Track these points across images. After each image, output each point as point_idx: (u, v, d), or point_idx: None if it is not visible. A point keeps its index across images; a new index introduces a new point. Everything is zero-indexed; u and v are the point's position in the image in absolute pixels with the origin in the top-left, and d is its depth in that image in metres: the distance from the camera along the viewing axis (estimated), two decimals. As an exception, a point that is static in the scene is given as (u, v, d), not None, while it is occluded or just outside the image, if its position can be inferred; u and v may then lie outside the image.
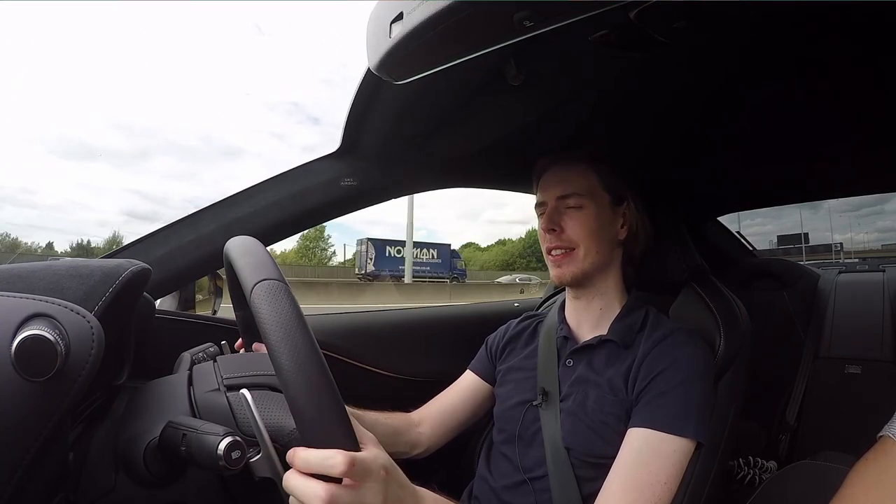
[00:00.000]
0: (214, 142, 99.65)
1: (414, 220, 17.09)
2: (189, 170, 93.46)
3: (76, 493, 0.48)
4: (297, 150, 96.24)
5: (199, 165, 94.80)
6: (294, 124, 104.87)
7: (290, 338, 0.38)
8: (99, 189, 76.47)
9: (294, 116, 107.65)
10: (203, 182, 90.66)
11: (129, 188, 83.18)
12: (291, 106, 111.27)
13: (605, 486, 0.63)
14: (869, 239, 8.13)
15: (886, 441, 0.44)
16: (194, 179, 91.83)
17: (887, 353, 1.34)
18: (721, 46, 0.64)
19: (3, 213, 64.31)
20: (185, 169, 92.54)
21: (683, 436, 0.63)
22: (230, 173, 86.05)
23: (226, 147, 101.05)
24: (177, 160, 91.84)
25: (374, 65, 0.53)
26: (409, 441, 0.81)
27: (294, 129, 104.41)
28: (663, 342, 0.71)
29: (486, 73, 0.69)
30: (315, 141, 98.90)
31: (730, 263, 1.70)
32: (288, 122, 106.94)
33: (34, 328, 0.38)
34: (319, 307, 7.90)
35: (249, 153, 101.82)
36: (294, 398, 0.37)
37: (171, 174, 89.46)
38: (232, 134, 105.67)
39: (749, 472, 1.28)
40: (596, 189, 0.78)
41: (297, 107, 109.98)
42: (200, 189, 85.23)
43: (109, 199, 78.16)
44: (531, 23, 0.42)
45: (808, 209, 8.18)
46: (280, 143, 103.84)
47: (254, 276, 0.41)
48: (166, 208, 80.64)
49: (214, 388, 0.54)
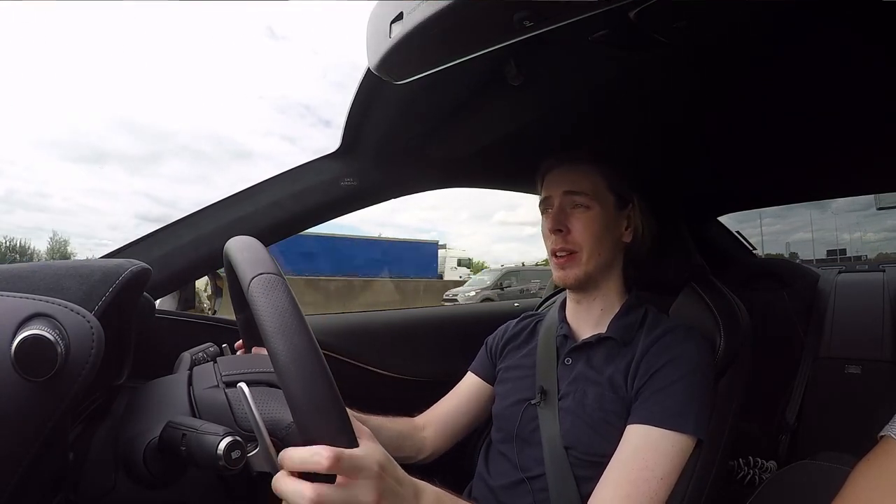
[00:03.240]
0: (226, 145, 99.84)
1: (424, 223, 15.85)
2: (200, 173, 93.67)
3: (76, 493, 0.48)
4: (309, 152, 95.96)
5: (210, 169, 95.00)
6: (306, 127, 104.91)
7: (285, 328, 0.38)
8: (111, 193, 76.65)
9: (306, 119, 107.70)
10: (215, 186, 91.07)
11: (140, 192, 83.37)
12: (303, 109, 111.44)
13: (601, 480, 0.63)
14: (877, 239, 8.11)
15: (888, 441, 0.44)
16: (205, 183, 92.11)
17: (887, 353, 1.34)
18: (721, 46, 0.64)
19: (14, 217, 64.53)
20: (196, 172, 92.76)
21: (682, 432, 0.64)
22: (242, 176, 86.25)
23: (237, 150, 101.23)
24: (188, 164, 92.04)
25: (374, 65, 0.53)
26: (415, 445, 0.81)
27: (306, 131, 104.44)
28: (663, 339, 0.71)
29: (486, 73, 0.70)
30: (326, 144, 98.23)
31: (730, 263, 1.71)
32: (300, 125, 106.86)
33: (34, 328, 0.38)
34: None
35: (260, 156, 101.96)
36: (289, 387, 0.37)
37: (182, 178, 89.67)
38: (243, 137, 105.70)
39: (749, 472, 1.28)
40: (602, 191, 0.77)
41: (308, 109, 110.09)
42: (212, 193, 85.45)
43: (122, 203, 78.42)
44: (531, 23, 0.42)
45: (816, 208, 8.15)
46: (291, 146, 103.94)
47: (251, 271, 0.41)
48: (177, 211, 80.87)
49: (213, 384, 0.54)
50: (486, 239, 63.94)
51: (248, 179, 59.48)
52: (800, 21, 0.58)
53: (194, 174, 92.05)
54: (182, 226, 0.89)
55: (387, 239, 9.63)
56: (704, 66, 0.70)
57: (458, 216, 65.00)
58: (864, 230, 6.91)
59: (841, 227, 7.49)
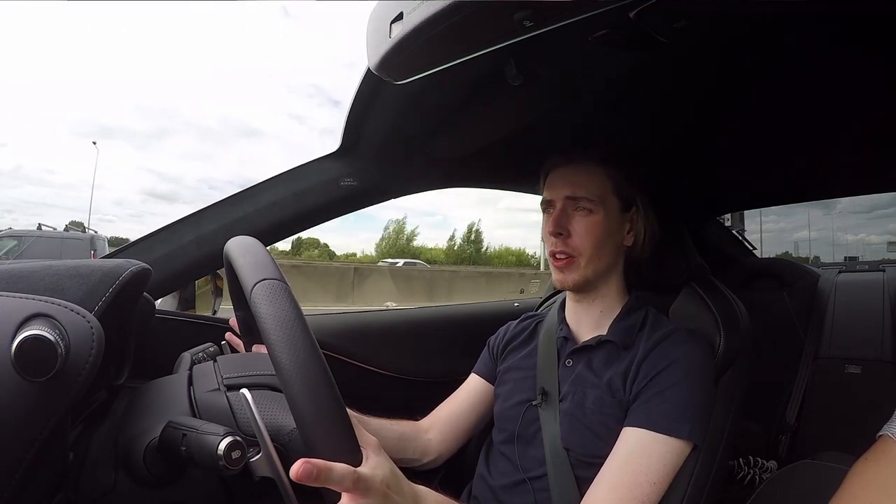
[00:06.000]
0: (232, 122, 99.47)
1: (429, 206, 16.40)
2: (207, 151, 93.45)
3: (76, 493, 0.48)
4: (317, 132, 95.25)
5: (217, 147, 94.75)
6: (315, 107, 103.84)
7: (290, 337, 0.38)
8: (116, 168, 76.69)
9: (315, 99, 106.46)
10: (219, 164, 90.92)
11: (146, 168, 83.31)
12: (312, 88, 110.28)
13: (595, 482, 0.63)
14: (880, 241, 8.14)
15: (886, 440, 0.44)
16: (210, 161, 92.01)
17: (887, 353, 1.34)
18: (722, 46, 0.64)
19: (19, 192, 64.75)
20: (203, 150, 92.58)
21: (678, 437, 0.63)
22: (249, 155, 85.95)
23: (244, 128, 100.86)
24: (195, 140, 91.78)
25: (374, 65, 0.53)
26: (419, 448, 0.81)
27: (314, 111, 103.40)
28: (663, 342, 0.71)
29: (486, 73, 0.69)
30: (334, 123, 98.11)
31: (730, 263, 1.70)
32: (309, 105, 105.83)
33: (34, 328, 0.38)
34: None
35: (268, 135, 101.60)
36: (294, 398, 0.37)
37: (188, 155, 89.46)
38: (251, 115, 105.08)
39: (749, 472, 1.28)
40: (607, 194, 0.76)
41: (318, 89, 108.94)
42: (217, 170, 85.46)
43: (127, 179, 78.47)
44: (531, 23, 0.42)
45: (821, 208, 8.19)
46: (299, 125, 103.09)
47: (254, 276, 0.41)
48: (183, 188, 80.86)
49: (214, 387, 0.54)
50: (491, 224, 63.77)
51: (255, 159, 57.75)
52: (800, 21, 0.58)
53: (200, 151, 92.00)
54: (183, 225, 0.89)
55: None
56: (704, 66, 0.70)
57: (463, 200, 64.79)
58: (866, 232, 6.85)
59: (847, 229, 7.45)
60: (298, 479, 0.37)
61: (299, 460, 0.36)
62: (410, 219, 37.49)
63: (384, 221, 49.56)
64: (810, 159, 1.12)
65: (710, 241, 1.72)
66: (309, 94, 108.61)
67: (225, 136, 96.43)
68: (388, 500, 0.41)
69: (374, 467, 0.40)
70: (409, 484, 0.46)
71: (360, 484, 0.38)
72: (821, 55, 0.66)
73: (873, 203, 4.63)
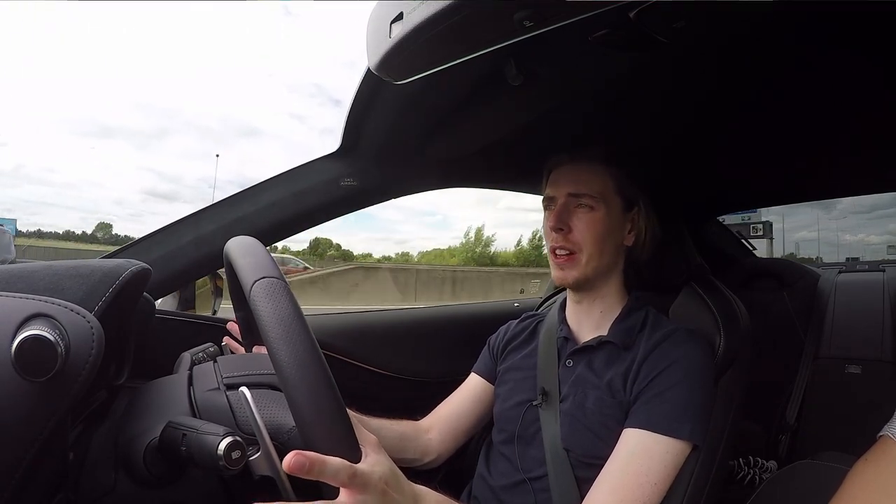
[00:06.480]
0: (232, 122, 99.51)
1: (429, 206, 16.93)
2: (206, 150, 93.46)
3: (76, 493, 0.48)
4: (317, 131, 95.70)
5: (216, 146, 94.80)
6: (315, 106, 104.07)
7: (289, 334, 0.38)
8: (116, 168, 76.75)
9: (316, 98, 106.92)
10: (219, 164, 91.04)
11: (146, 167, 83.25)
12: (314, 88, 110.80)
13: (596, 483, 0.63)
14: (880, 241, 8.17)
15: (886, 441, 0.44)
16: (210, 159, 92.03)
17: (887, 353, 1.34)
18: (721, 46, 0.64)
19: (19, 191, 64.82)
20: (202, 148, 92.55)
21: (678, 437, 0.63)
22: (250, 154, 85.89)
23: (245, 127, 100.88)
24: (195, 140, 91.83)
25: (374, 65, 0.54)
26: (419, 448, 0.81)
27: (315, 111, 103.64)
28: (664, 343, 0.71)
29: (486, 73, 0.69)
30: (335, 123, 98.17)
31: (730, 263, 1.70)
32: (309, 104, 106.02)
33: (34, 328, 0.38)
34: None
35: (268, 134, 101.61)
36: (293, 396, 0.37)
37: (188, 154, 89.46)
38: (252, 115, 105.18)
39: (749, 472, 1.28)
40: (609, 192, 0.76)
41: (319, 89, 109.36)
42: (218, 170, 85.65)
43: (127, 179, 78.45)
44: (531, 23, 0.42)
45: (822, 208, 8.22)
46: (300, 124, 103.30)
47: (253, 275, 0.41)
48: (183, 187, 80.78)
49: (214, 387, 0.54)
50: (492, 223, 63.84)
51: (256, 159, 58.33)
52: (799, 21, 0.58)
53: (200, 150, 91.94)
54: (182, 226, 0.89)
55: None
56: (704, 66, 0.70)
57: (463, 199, 64.94)
58: (866, 232, 6.88)
59: (847, 229, 7.48)
60: (291, 470, 0.36)
61: (291, 452, 0.36)
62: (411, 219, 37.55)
63: (384, 221, 49.63)
64: (810, 159, 1.12)
65: (710, 241, 1.72)
66: (310, 94, 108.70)
67: (225, 136, 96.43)
68: (387, 498, 0.41)
69: (372, 464, 0.40)
70: (408, 483, 0.46)
71: (356, 479, 0.38)
72: (820, 55, 0.66)
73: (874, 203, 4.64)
